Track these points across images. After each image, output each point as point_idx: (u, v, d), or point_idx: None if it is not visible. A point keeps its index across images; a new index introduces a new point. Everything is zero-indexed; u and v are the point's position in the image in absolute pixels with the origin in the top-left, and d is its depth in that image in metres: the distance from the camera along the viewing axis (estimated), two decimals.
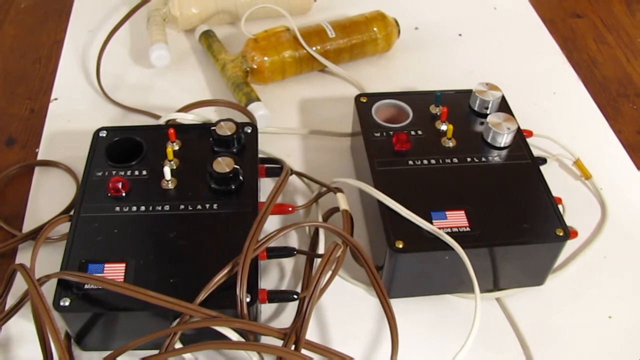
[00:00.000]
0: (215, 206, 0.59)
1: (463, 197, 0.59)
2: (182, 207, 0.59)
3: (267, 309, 0.60)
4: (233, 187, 0.60)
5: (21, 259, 0.63)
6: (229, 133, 0.63)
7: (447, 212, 0.58)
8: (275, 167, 0.66)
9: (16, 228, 0.66)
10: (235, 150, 0.64)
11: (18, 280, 0.59)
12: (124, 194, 0.60)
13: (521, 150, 0.64)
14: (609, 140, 0.79)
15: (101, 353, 0.54)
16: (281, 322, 0.59)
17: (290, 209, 0.62)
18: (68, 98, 0.82)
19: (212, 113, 0.79)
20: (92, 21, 0.93)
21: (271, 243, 0.55)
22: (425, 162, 0.62)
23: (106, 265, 0.54)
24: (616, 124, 0.81)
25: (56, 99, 0.81)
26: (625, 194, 0.72)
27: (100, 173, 0.62)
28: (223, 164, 0.60)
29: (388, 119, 0.68)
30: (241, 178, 0.61)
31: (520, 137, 0.65)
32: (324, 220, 0.66)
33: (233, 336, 0.51)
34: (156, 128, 0.68)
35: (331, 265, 0.55)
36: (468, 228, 0.57)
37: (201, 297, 0.51)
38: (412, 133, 0.66)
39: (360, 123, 0.67)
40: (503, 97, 0.69)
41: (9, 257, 0.64)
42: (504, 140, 0.64)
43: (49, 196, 0.69)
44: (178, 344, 0.52)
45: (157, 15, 0.88)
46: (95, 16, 0.94)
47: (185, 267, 0.54)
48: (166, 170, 0.60)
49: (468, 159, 0.63)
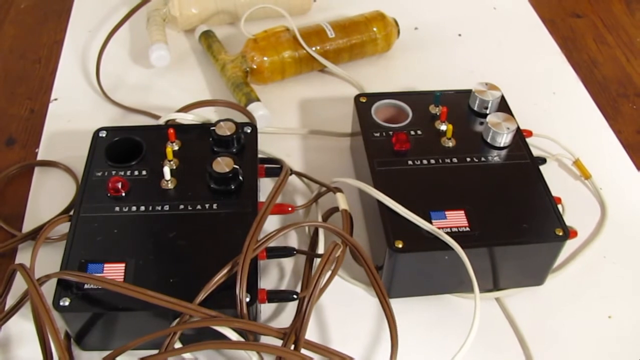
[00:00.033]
0: (214, 206, 0.59)
1: (463, 197, 0.59)
2: (182, 207, 0.59)
3: (267, 309, 0.60)
4: (233, 187, 0.60)
5: (21, 259, 0.63)
6: (229, 133, 0.63)
7: (447, 212, 0.58)
8: (274, 167, 0.66)
9: (16, 228, 0.66)
10: (234, 150, 0.64)
11: (18, 280, 0.59)
12: (124, 194, 0.60)
13: (521, 150, 0.64)
14: (609, 140, 0.79)
15: (101, 353, 0.54)
16: (281, 322, 0.59)
17: (289, 209, 0.62)
18: (68, 98, 0.82)
19: (212, 113, 0.79)
20: (92, 21, 0.94)
21: (271, 243, 0.55)
22: (424, 162, 0.63)
23: (106, 265, 0.54)
24: (616, 124, 0.81)
25: (56, 99, 0.81)
26: (624, 194, 0.72)
27: (100, 173, 0.62)
28: (223, 164, 0.60)
29: (387, 119, 0.68)
30: (241, 178, 0.61)
31: (519, 137, 0.65)
32: (324, 220, 0.66)
33: (233, 336, 0.52)
34: (156, 128, 0.68)
35: (331, 265, 0.55)
36: (468, 228, 0.57)
37: (201, 297, 0.51)
38: (412, 133, 0.66)
39: (359, 123, 0.67)
40: (502, 97, 0.69)
41: (9, 257, 0.64)
42: (504, 140, 0.64)
43: (49, 196, 0.69)
44: (178, 344, 0.52)
45: (157, 15, 0.88)
46: (95, 16, 0.94)
47: (184, 267, 0.54)
48: (166, 170, 0.60)
49: (467, 159, 0.63)
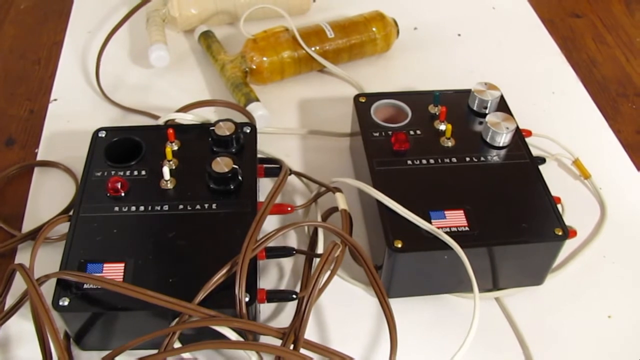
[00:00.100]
0: (214, 206, 0.59)
1: (462, 197, 0.59)
2: (181, 207, 0.59)
3: (266, 309, 0.60)
4: (232, 187, 0.60)
5: (21, 259, 0.63)
6: (228, 133, 0.63)
7: (446, 212, 0.58)
8: (274, 167, 0.66)
9: (16, 228, 0.66)
10: (234, 150, 0.64)
11: (17, 280, 0.59)
12: (123, 194, 0.60)
13: (520, 149, 0.64)
14: (608, 140, 0.79)
15: (100, 353, 0.54)
16: (280, 322, 0.59)
17: (289, 209, 0.62)
18: (67, 99, 0.82)
19: (211, 113, 0.79)
20: (92, 22, 0.94)
21: (270, 243, 0.55)
22: (424, 162, 0.63)
23: (105, 265, 0.54)
24: (615, 124, 0.81)
25: (56, 100, 0.81)
26: (624, 194, 0.72)
27: (99, 173, 0.62)
28: (222, 164, 0.60)
29: (387, 119, 0.68)
30: (240, 178, 0.61)
31: (519, 137, 0.65)
32: (323, 220, 0.66)
33: (232, 336, 0.52)
34: (155, 128, 0.68)
35: (330, 264, 0.55)
36: (467, 227, 0.57)
37: (200, 297, 0.51)
38: (411, 133, 0.66)
39: (359, 123, 0.67)
40: (502, 97, 0.69)
41: (9, 257, 0.64)
42: (503, 139, 0.64)
43: (49, 196, 0.69)
44: (177, 344, 0.52)
45: (157, 15, 0.88)
46: (94, 17, 0.94)
47: (184, 267, 0.54)
48: (165, 170, 0.60)
49: (467, 159, 0.63)
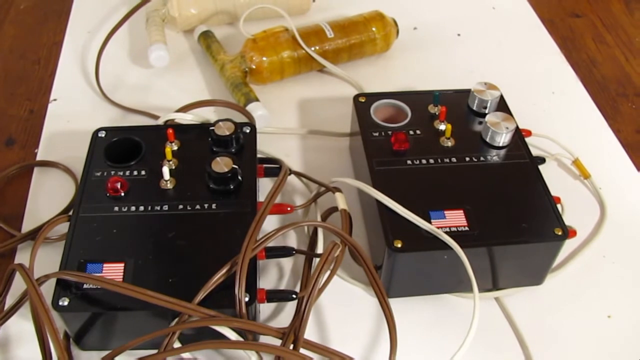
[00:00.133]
0: (214, 206, 0.59)
1: (462, 197, 0.59)
2: (181, 207, 0.59)
3: (266, 309, 0.60)
4: (232, 187, 0.60)
5: (20, 259, 0.63)
6: (228, 133, 0.63)
7: (446, 212, 0.58)
8: (274, 167, 0.66)
9: (15, 228, 0.66)
10: (233, 150, 0.64)
11: (17, 280, 0.59)
12: (123, 194, 0.60)
13: (520, 149, 0.64)
14: (608, 139, 0.79)
15: (100, 353, 0.54)
16: (280, 322, 0.59)
17: (289, 209, 0.62)
18: (67, 99, 0.82)
19: (211, 113, 0.79)
20: (92, 22, 0.94)
21: (270, 243, 0.55)
22: (423, 162, 0.63)
23: (105, 265, 0.54)
24: (615, 124, 0.81)
25: (55, 100, 0.81)
26: (624, 194, 0.72)
27: (99, 173, 0.62)
28: (222, 164, 0.60)
29: (386, 119, 0.68)
30: (240, 178, 0.61)
31: (519, 137, 0.65)
32: (323, 220, 0.65)
33: (232, 335, 0.52)
34: (155, 128, 0.68)
35: (330, 264, 0.55)
36: (467, 227, 0.57)
37: (200, 297, 0.51)
38: (411, 133, 0.66)
39: (358, 123, 0.67)
40: (501, 97, 0.69)
41: (8, 257, 0.64)
42: (503, 139, 0.64)
43: (48, 196, 0.69)
44: (177, 344, 0.52)
45: (156, 15, 0.88)
46: (94, 17, 0.94)
47: (184, 267, 0.54)
48: (165, 170, 0.60)
49: (467, 159, 0.63)
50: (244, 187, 0.61)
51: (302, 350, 0.52)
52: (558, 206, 0.59)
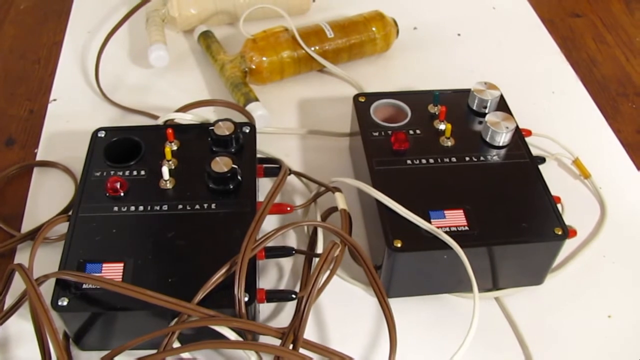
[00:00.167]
0: (213, 206, 0.59)
1: (461, 197, 0.59)
2: (181, 207, 0.59)
3: (266, 309, 0.60)
4: (231, 187, 0.60)
5: (20, 259, 0.63)
6: (227, 133, 0.63)
7: (446, 212, 0.58)
8: (273, 167, 0.66)
9: (15, 228, 0.66)
10: (233, 150, 0.64)
11: (16, 280, 0.59)
12: (122, 194, 0.60)
13: (520, 149, 0.64)
14: (608, 139, 0.79)
15: (99, 353, 0.53)
16: (280, 322, 0.59)
17: (288, 209, 0.62)
18: (67, 99, 0.82)
19: (211, 113, 0.79)
20: (91, 22, 0.94)
21: (269, 242, 0.55)
22: (423, 162, 0.62)
23: (104, 264, 0.54)
24: (615, 123, 0.81)
25: (55, 100, 0.81)
26: (624, 193, 0.72)
27: (98, 173, 0.62)
28: (221, 164, 0.60)
29: (386, 119, 0.68)
30: (239, 178, 0.61)
31: (519, 136, 0.65)
32: (323, 220, 0.65)
33: (231, 335, 0.51)
34: (154, 128, 0.68)
35: (329, 264, 0.55)
36: (467, 227, 0.57)
37: (199, 297, 0.51)
38: (411, 132, 0.65)
39: (358, 123, 0.67)
40: (501, 96, 0.69)
41: (8, 257, 0.64)
42: (503, 139, 0.63)
43: (48, 196, 0.69)
44: (176, 344, 0.52)
45: (156, 16, 0.88)
46: (94, 17, 0.94)
47: (183, 267, 0.54)
48: (164, 170, 0.60)
49: (466, 158, 0.63)
50: (244, 187, 0.61)
51: (302, 350, 0.52)
52: (558, 206, 0.59)
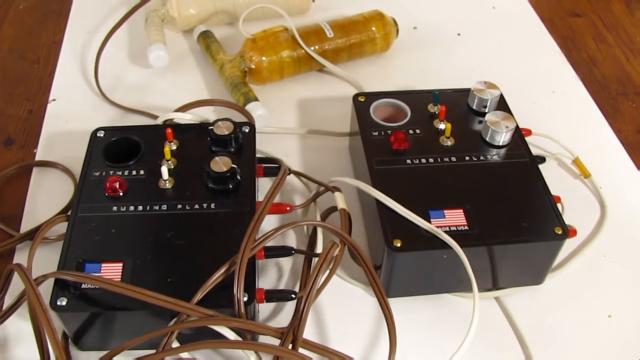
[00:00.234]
0: (212, 205, 0.59)
1: (461, 196, 0.59)
2: (180, 207, 0.59)
3: (266, 309, 0.60)
4: (230, 187, 0.60)
5: (19, 259, 0.63)
6: (227, 132, 0.63)
7: (446, 211, 0.58)
8: (273, 167, 0.66)
9: (14, 228, 0.66)
10: (232, 149, 0.64)
11: (15, 280, 0.59)
12: (122, 194, 0.59)
13: (520, 148, 0.64)
14: (609, 139, 0.79)
15: (98, 353, 0.53)
16: (279, 322, 0.59)
17: (288, 208, 0.61)
18: (66, 99, 0.82)
19: (210, 113, 0.79)
20: (91, 22, 0.93)
21: (269, 242, 0.55)
22: (423, 161, 0.62)
23: (103, 264, 0.54)
24: (615, 123, 0.81)
25: (54, 100, 0.81)
26: (624, 193, 0.72)
27: (97, 173, 0.62)
28: (220, 164, 0.60)
29: (386, 118, 0.67)
30: (239, 177, 0.60)
31: (518, 136, 0.65)
32: (322, 219, 0.65)
33: (230, 335, 0.51)
34: (154, 128, 0.68)
35: (328, 264, 0.55)
36: (466, 227, 0.56)
37: (198, 297, 0.51)
38: (410, 132, 0.65)
39: (358, 122, 0.67)
40: (501, 96, 0.69)
41: (7, 257, 0.63)
42: (503, 138, 0.63)
43: (47, 196, 0.69)
44: (175, 343, 0.52)
45: (155, 16, 0.88)
46: (93, 17, 0.94)
47: (182, 267, 0.54)
48: (164, 169, 0.60)
49: (466, 158, 0.63)
50: (243, 187, 0.60)
51: (301, 350, 0.52)
52: (558, 205, 0.59)
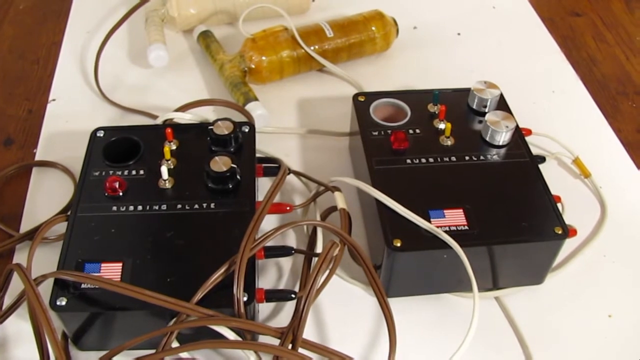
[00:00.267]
0: (212, 205, 0.59)
1: (461, 196, 0.59)
2: (180, 207, 0.59)
3: (265, 309, 0.60)
4: (230, 187, 0.60)
5: (18, 259, 0.63)
6: (227, 132, 0.63)
7: (445, 211, 0.58)
8: (273, 167, 0.66)
9: (14, 228, 0.66)
10: (232, 149, 0.64)
11: (15, 280, 0.59)
12: (121, 194, 0.59)
13: (520, 148, 0.64)
14: (608, 138, 0.79)
15: (98, 353, 0.53)
16: (279, 322, 0.59)
17: (288, 208, 0.61)
18: (66, 99, 0.82)
19: (210, 113, 0.79)
20: (91, 22, 0.93)
21: (268, 242, 0.55)
22: (423, 161, 0.62)
23: (103, 264, 0.54)
24: (615, 122, 0.81)
25: (54, 100, 0.81)
26: (624, 193, 0.72)
27: (97, 173, 0.62)
28: (220, 163, 0.60)
29: (386, 118, 0.67)
30: (238, 177, 0.60)
31: (518, 136, 0.65)
32: (322, 219, 0.65)
33: (230, 335, 0.51)
34: (153, 128, 0.68)
35: (328, 263, 0.55)
36: (466, 226, 0.56)
37: (198, 296, 0.51)
38: (410, 132, 0.65)
39: (358, 122, 0.67)
40: (501, 95, 0.69)
41: (7, 257, 0.63)
42: (503, 138, 0.63)
43: (47, 196, 0.69)
44: (175, 343, 0.52)
45: (155, 15, 0.88)
46: (93, 17, 0.94)
47: (182, 267, 0.54)
48: (163, 169, 0.60)
49: (466, 158, 0.63)
50: (243, 187, 0.60)
51: (301, 350, 0.52)
52: (558, 205, 0.59)
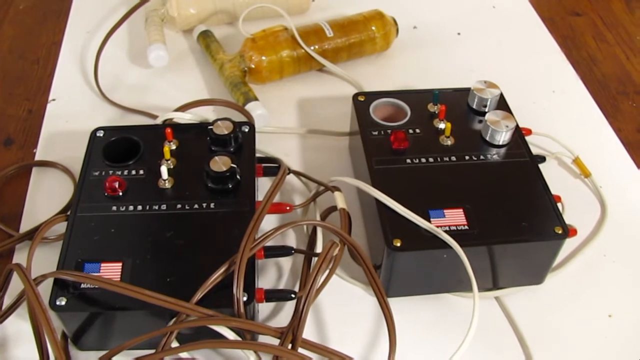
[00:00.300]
0: (212, 205, 0.59)
1: (461, 196, 0.59)
2: (179, 207, 0.59)
3: (265, 308, 0.60)
4: (230, 186, 0.60)
5: (18, 259, 0.63)
6: (226, 132, 0.63)
7: (445, 211, 0.57)
8: (272, 167, 0.66)
9: (13, 228, 0.66)
10: (232, 149, 0.64)
11: (15, 280, 0.59)
12: (121, 194, 0.59)
13: (520, 148, 0.64)
14: (609, 138, 0.79)
15: (98, 353, 0.53)
16: (279, 322, 0.59)
17: (287, 208, 0.61)
18: (66, 99, 0.82)
19: (210, 112, 0.79)
20: (91, 22, 0.93)
21: (268, 242, 0.55)
22: (423, 161, 0.62)
23: (103, 264, 0.54)
24: (615, 122, 0.81)
25: (54, 100, 0.81)
26: (624, 192, 0.72)
27: (97, 173, 0.62)
28: (220, 163, 0.60)
29: (386, 118, 0.67)
30: (238, 177, 0.60)
31: (519, 135, 0.65)
32: (322, 219, 0.65)
33: (230, 335, 0.51)
34: (153, 127, 0.68)
35: (328, 263, 0.55)
36: (466, 226, 0.56)
37: (198, 296, 0.51)
38: (410, 131, 0.65)
39: (358, 122, 0.67)
40: (501, 95, 0.69)
41: (6, 257, 0.63)
42: (503, 138, 0.63)
43: (47, 196, 0.69)
44: (175, 343, 0.52)
45: (155, 15, 0.88)
46: (93, 17, 0.94)
47: (182, 266, 0.54)
48: (163, 169, 0.60)
49: (466, 157, 0.63)
50: (243, 187, 0.60)
51: (301, 349, 0.52)
52: (558, 205, 0.59)
